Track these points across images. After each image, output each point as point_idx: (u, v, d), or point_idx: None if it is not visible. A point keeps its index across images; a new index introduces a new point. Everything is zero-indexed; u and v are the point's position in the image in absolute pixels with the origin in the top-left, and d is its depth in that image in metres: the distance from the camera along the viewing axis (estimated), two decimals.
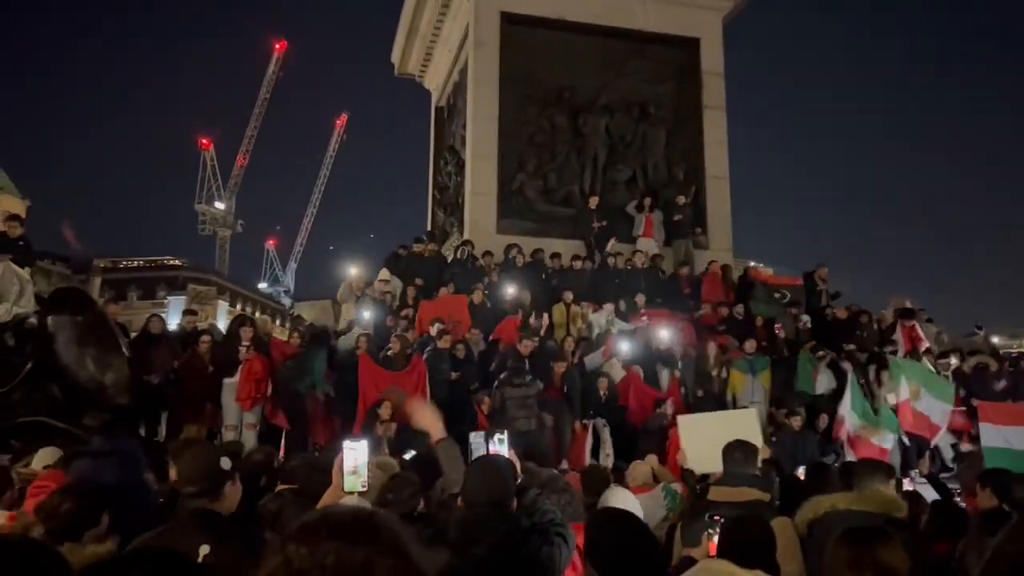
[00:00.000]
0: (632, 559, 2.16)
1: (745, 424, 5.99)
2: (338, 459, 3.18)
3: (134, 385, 8.90)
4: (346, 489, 3.13)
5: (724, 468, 4.17)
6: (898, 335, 12.40)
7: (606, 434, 9.69)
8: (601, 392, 10.28)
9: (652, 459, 5.31)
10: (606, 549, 2.15)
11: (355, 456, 3.12)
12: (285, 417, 9.83)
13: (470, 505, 3.24)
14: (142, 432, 9.49)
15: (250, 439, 9.41)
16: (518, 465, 4.03)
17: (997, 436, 9.79)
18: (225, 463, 3.28)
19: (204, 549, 2.99)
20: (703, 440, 5.49)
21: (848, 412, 10.29)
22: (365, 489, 3.15)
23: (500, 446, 4.07)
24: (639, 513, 3.72)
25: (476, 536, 2.98)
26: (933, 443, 10.87)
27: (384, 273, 13.47)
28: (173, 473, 4.20)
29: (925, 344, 12.22)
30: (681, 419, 6.43)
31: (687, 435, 5.99)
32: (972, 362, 12.36)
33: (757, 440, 5.80)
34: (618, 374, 10.58)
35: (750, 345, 11.17)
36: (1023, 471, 9.30)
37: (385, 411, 9.05)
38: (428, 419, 3.83)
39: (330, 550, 1.19)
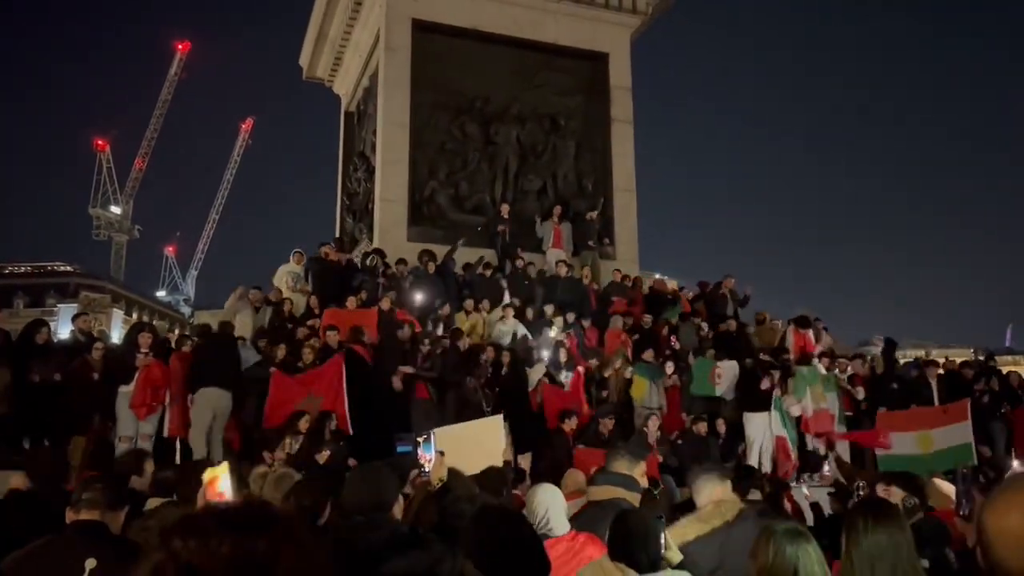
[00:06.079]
0: (514, 554, 2.17)
1: (490, 431, 6.57)
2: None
3: (15, 395, 8.40)
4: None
5: (605, 467, 4.34)
6: (790, 341, 12.74)
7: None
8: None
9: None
10: (489, 546, 2.15)
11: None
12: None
13: (345, 514, 3.22)
14: (25, 445, 8.93)
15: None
16: (443, 469, 4.01)
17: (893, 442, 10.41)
18: None
19: (91, 563, 2.86)
20: (457, 446, 5.91)
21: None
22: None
23: (425, 447, 4.06)
24: (563, 509, 3.86)
25: (349, 545, 2.95)
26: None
27: (284, 277, 12.89)
28: None
29: (819, 348, 12.55)
30: (438, 431, 6.82)
31: (443, 444, 6.39)
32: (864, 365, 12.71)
33: (500, 445, 6.31)
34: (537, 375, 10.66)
35: (648, 354, 11.42)
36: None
37: (304, 424, 8.68)
38: None
39: (224, 540, 1.06)
